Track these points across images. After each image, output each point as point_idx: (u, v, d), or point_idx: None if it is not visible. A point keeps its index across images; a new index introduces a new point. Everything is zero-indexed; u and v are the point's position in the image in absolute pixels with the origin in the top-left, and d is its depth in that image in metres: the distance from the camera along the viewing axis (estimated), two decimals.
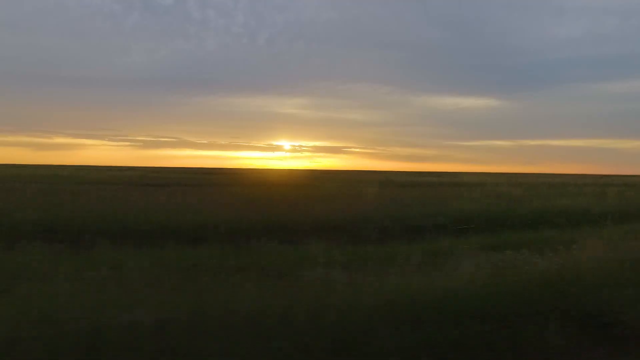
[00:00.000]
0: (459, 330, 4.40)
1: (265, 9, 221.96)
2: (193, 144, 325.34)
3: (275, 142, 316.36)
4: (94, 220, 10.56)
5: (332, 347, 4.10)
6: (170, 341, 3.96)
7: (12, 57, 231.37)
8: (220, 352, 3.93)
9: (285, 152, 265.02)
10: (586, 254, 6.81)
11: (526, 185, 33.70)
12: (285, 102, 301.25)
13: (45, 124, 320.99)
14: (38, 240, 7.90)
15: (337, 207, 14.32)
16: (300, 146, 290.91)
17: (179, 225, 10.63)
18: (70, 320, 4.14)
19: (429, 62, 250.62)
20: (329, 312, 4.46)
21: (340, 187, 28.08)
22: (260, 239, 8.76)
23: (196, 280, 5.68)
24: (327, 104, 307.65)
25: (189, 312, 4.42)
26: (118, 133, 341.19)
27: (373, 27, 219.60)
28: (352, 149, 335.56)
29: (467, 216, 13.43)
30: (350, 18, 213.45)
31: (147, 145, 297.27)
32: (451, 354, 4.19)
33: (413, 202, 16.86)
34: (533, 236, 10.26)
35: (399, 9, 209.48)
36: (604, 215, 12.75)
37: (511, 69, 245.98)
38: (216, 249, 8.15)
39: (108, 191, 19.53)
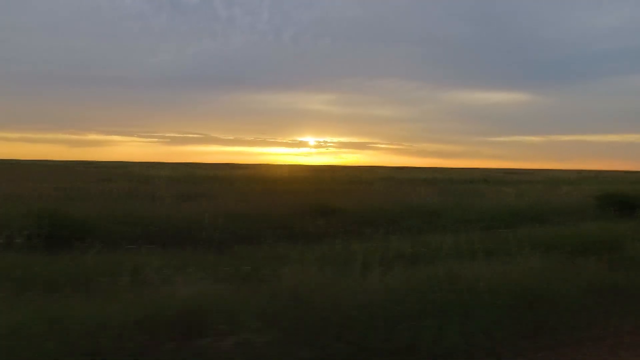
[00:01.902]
0: None
1: (291, 6, 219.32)
2: (219, 140, 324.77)
3: (300, 138, 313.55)
4: None
5: None
6: None
7: (49, 59, 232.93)
8: None
9: (310, 148, 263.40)
10: None
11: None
12: (311, 98, 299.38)
13: (79, 121, 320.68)
14: None
15: None
16: (326, 142, 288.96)
17: None
18: None
19: (458, 57, 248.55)
20: None
21: None
22: None
23: None
24: (353, 100, 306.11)
25: None
26: (147, 130, 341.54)
27: (400, 22, 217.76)
28: (378, 145, 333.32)
29: None
30: (376, 14, 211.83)
31: (174, 141, 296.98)
32: None
33: None
34: None
35: (426, 4, 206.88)
36: None
37: (544, 63, 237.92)
38: None
39: None
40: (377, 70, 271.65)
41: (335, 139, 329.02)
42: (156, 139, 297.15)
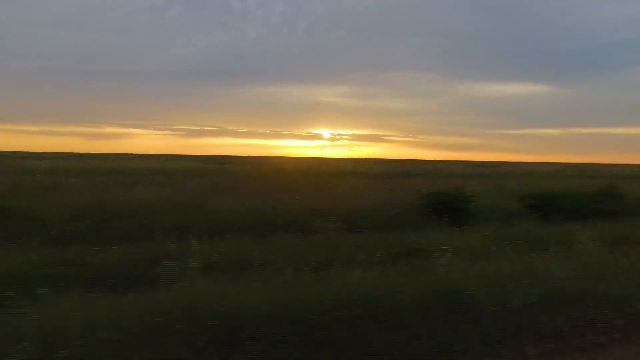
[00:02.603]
0: None
1: None
2: (234, 133, 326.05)
3: (314, 131, 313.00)
4: None
5: None
6: None
7: (65, 53, 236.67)
8: None
9: (324, 140, 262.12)
10: None
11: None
12: (325, 90, 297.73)
13: (96, 114, 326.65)
14: None
15: None
16: (340, 135, 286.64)
17: None
18: None
19: (473, 48, 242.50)
20: None
21: None
22: None
23: None
24: (368, 93, 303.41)
25: None
26: (163, 123, 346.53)
27: (414, 13, 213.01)
28: (392, 138, 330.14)
29: None
30: (391, 5, 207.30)
31: (190, 134, 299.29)
32: None
33: None
34: None
35: None
36: None
37: (563, 53, 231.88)
38: None
39: None
40: (391, 62, 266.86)
41: (350, 132, 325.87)
42: (172, 132, 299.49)
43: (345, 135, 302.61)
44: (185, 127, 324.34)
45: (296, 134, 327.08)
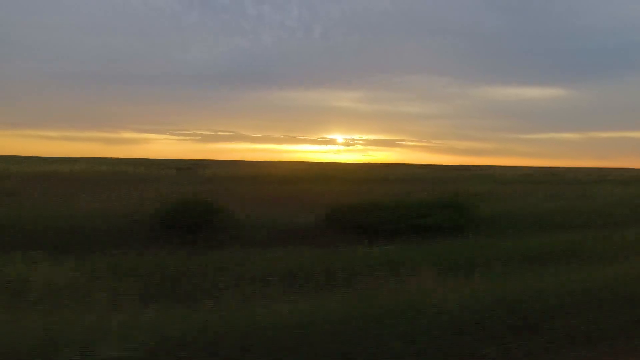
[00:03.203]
0: None
1: (320, 2, 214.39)
2: (248, 138, 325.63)
3: (328, 136, 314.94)
4: None
5: None
6: None
7: (83, 57, 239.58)
8: None
9: (338, 145, 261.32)
10: None
11: None
12: (339, 95, 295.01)
13: (114, 119, 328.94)
14: None
15: None
16: (354, 139, 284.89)
17: None
18: None
19: (490, 50, 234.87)
20: None
21: None
22: None
23: None
24: (382, 97, 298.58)
25: None
26: (179, 127, 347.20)
27: (430, 15, 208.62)
28: (407, 142, 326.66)
29: None
30: (406, 7, 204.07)
31: (205, 139, 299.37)
32: None
33: None
34: None
35: None
36: None
37: (582, 54, 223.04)
38: None
39: None
40: (407, 65, 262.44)
41: (364, 137, 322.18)
42: (188, 137, 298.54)
43: (359, 140, 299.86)
44: (200, 132, 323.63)
45: (310, 138, 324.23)
